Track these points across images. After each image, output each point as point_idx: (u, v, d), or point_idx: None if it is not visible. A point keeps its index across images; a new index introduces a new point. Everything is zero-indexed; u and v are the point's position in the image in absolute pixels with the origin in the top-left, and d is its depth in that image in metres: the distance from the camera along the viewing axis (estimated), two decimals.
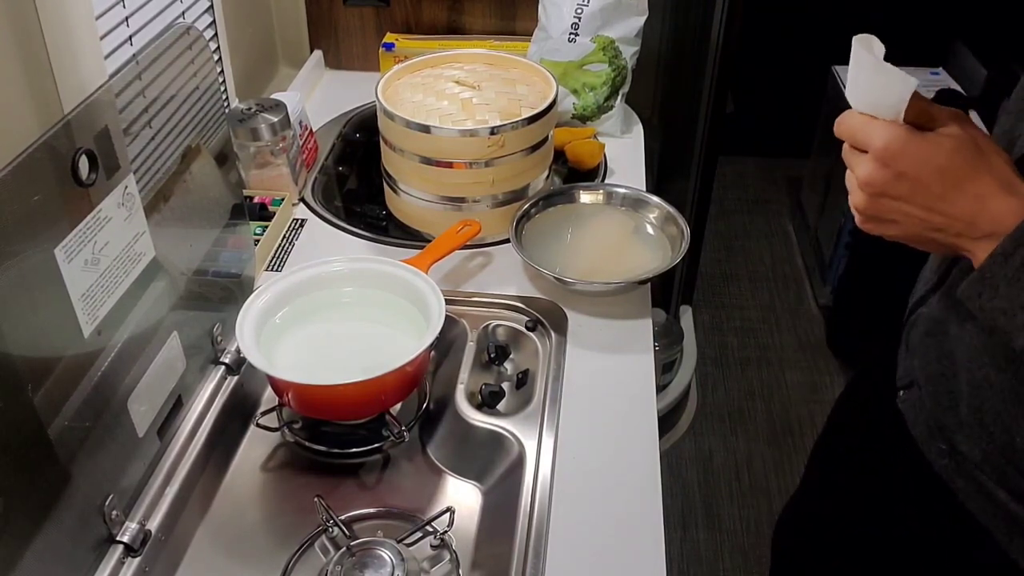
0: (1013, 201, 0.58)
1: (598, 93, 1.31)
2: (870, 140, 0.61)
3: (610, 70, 1.31)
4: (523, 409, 0.88)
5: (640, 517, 0.77)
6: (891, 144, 0.59)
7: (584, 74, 1.31)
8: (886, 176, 0.60)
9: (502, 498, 0.81)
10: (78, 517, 0.69)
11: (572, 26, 1.31)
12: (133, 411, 0.75)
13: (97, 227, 0.68)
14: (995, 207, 0.58)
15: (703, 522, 1.86)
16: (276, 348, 0.88)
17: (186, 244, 0.85)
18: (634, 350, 0.95)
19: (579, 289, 1.01)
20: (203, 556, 0.79)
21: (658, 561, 0.73)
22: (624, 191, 1.13)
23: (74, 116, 0.66)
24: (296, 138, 1.18)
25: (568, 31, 1.31)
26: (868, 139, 0.61)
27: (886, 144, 0.60)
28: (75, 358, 0.67)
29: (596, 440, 0.84)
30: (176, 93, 0.81)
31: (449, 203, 1.09)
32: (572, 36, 1.31)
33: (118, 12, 0.96)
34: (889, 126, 0.60)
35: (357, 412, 0.88)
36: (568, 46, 1.31)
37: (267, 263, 1.08)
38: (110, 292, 0.70)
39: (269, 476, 0.86)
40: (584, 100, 1.32)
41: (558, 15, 1.31)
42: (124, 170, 0.71)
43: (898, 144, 0.59)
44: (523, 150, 1.07)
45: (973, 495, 0.73)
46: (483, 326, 0.99)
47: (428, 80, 1.16)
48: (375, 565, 0.73)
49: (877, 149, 0.60)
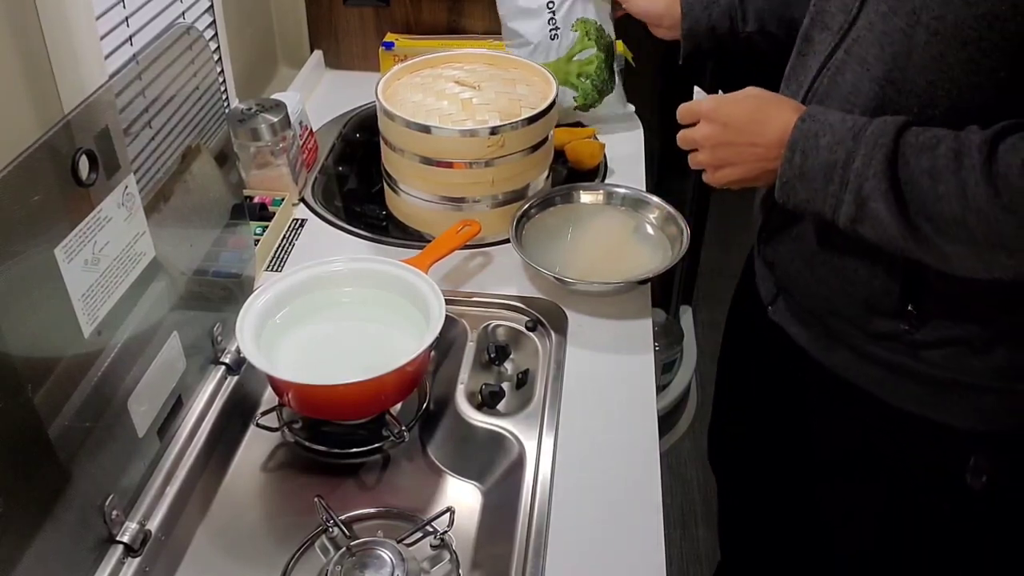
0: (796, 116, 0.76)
1: (594, 78, 1.31)
2: (699, 109, 0.84)
3: (599, 51, 1.30)
4: (523, 409, 0.88)
5: (640, 517, 0.77)
6: (712, 105, 0.83)
7: (575, 65, 1.31)
8: (715, 128, 0.82)
9: (502, 498, 0.82)
10: (78, 517, 0.69)
11: (549, 22, 1.29)
12: (133, 411, 0.75)
13: (97, 227, 0.68)
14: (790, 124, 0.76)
15: (703, 521, 1.86)
16: (276, 348, 0.88)
17: (186, 244, 0.85)
18: (634, 350, 0.95)
19: (579, 289, 1.01)
20: (203, 556, 0.79)
21: (658, 560, 0.73)
22: (624, 191, 1.13)
23: (74, 116, 0.66)
24: (296, 138, 1.18)
25: (547, 29, 1.30)
26: (698, 108, 0.84)
27: (708, 107, 0.83)
28: (75, 358, 0.67)
29: (596, 440, 0.84)
30: (176, 93, 0.81)
31: (449, 203, 1.09)
32: (553, 32, 1.30)
33: (118, 12, 0.96)
34: (710, 98, 0.85)
35: (357, 412, 0.88)
36: (552, 43, 1.30)
37: (267, 263, 1.08)
38: (110, 292, 0.70)
39: (269, 476, 0.86)
40: (583, 89, 1.31)
41: (530, 19, 1.29)
42: (124, 170, 0.71)
43: (716, 103, 0.83)
44: (523, 150, 1.07)
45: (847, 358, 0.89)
46: (483, 326, 0.99)
47: (428, 80, 1.16)
48: (375, 565, 0.73)
49: (704, 111, 0.83)
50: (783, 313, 0.96)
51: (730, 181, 0.84)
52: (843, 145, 0.72)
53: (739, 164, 0.82)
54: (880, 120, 0.71)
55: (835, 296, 0.86)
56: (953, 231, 0.68)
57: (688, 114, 0.85)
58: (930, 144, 0.68)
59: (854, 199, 0.71)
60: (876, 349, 0.85)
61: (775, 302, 0.98)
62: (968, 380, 0.82)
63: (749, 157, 0.80)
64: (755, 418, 1.15)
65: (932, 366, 0.82)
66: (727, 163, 0.82)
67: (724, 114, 0.81)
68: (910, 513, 0.94)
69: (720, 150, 0.82)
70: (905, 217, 0.70)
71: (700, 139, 0.84)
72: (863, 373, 0.88)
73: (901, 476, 0.92)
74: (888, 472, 0.93)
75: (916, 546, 0.96)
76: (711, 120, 0.82)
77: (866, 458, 0.94)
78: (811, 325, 0.92)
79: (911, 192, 0.69)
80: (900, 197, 0.69)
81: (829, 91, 0.80)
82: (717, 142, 0.82)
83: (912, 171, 0.69)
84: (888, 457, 0.92)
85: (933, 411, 0.85)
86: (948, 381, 0.82)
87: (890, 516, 0.95)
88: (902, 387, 0.85)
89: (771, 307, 0.98)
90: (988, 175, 0.65)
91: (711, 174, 0.85)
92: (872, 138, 0.71)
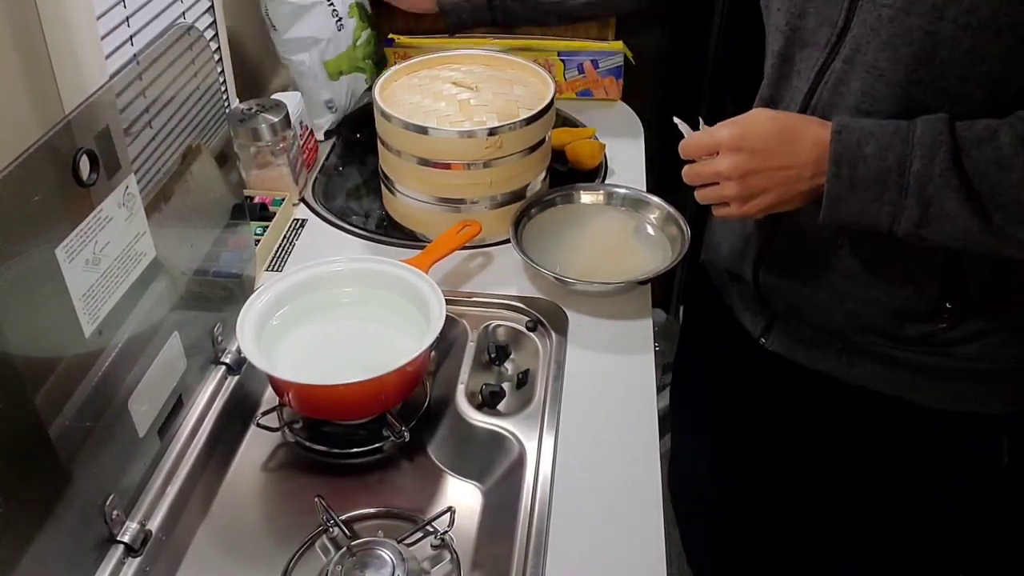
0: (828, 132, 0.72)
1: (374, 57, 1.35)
2: (716, 140, 0.76)
3: (372, 30, 1.34)
4: (523, 409, 0.88)
5: (640, 517, 0.77)
6: (732, 133, 0.76)
7: (360, 49, 1.33)
8: (742, 157, 0.75)
9: (502, 498, 0.82)
10: (79, 517, 0.69)
11: (333, 14, 1.28)
12: (134, 411, 0.75)
13: (98, 227, 0.68)
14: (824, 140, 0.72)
15: None
16: (277, 348, 0.88)
17: (187, 244, 0.85)
18: (634, 350, 0.95)
19: (579, 289, 1.01)
20: (203, 556, 0.79)
21: (658, 560, 0.73)
22: (624, 191, 1.13)
23: (75, 116, 0.66)
24: (296, 138, 1.18)
25: (333, 21, 1.29)
26: (714, 140, 0.77)
27: (730, 135, 0.76)
28: (76, 358, 0.67)
29: (596, 440, 0.84)
30: (177, 93, 0.81)
31: (447, 204, 1.09)
32: (339, 24, 1.30)
33: (119, 12, 0.96)
34: (721, 126, 0.76)
35: (358, 412, 0.88)
36: (341, 35, 1.30)
37: (267, 263, 1.08)
38: (111, 292, 0.70)
39: (269, 476, 0.86)
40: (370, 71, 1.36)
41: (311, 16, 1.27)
42: (125, 170, 0.71)
43: (736, 130, 0.76)
44: (521, 151, 1.07)
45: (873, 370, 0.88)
46: (483, 326, 0.99)
47: (425, 81, 1.16)
48: (375, 565, 0.73)
49: (725, 142, 0.76)
50: (782, 341, 0.95)
51: (761, 210, 0.78)
52: (892, 150, 0.70)
53: (772, 190, 0.76)
54: (924, 120, 0.70)
55: (860, 308, 0.85)
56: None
57: (702, 147, 0.78)
58: (987, 135, 0.68)
59: (917, 202, 0.70)
60: (906, 354, 0.85)
61: (768, 332, 0.96)
62: (1001, 366, 0.83)
63: (781, 180, 0.75)
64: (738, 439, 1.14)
65: (968, 360, 0.83)
66: (759, 191, 0.76)
67: (751, 140, 0.75)
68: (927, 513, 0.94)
69: (751, 179, 0.76)
70: (980, 210, 0.69)
71: (726, 171, 0.76)
72: (890, 380, 0.87)
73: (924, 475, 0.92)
74: (906, 474, 0.93)
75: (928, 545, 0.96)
76: (737, 149, 0.76)
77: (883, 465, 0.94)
78: (823, 344, 0.91)
79: (981, 184, 0.68)
80: (971, 191, 0.68)
81: (831, 103, 0.78)
82: (746, 171, 0.76)
83: (977, 163, 0.68)
84: (897, 456, 0.92)
85: (966, 404, 0.85)
86: (983, 372, 0.83)
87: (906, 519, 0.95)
88: (934, 386, 0.85)
89: (764, 339, 0.97)
90: None
91: (739, 206, 0.78)
92: (926, 139, 0.69)
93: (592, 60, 1.38)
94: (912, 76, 0.72)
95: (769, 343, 0.97)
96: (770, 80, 0.87)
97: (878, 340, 0.86)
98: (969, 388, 0.85)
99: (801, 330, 0.93)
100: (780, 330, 0.95)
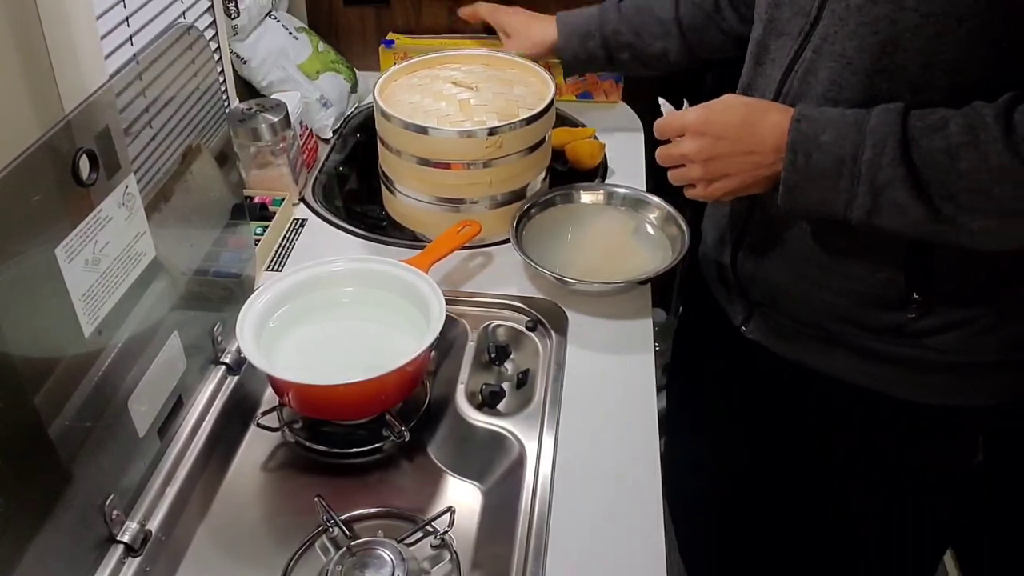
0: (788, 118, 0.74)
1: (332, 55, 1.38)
2: (684, 122, 0.80)
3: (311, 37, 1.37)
4: (523, 409, 0.88)
5: (640, 517, 0.77)
6: (701, 116, 0.79)
7: (324, 55, 1.36)
8: (706, 141, 0.79)
9: (502, 498, 0.82)
10: (79, 517, 0.69)
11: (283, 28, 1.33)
12: (134, 411, 0.75)
13: (98, 227, 0.68)
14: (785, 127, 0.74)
15: None
16: (276, 348, 0.88)
17: (186, 244, 0.85)
18: (634, 350, 0.95)
19: (579, 289, 1.01)
20: (203, 556, 0.79)
21: (658, 561, 0.73)
22: (624, 191, 1.13)
23: (75, 116, 0.66)
24: (296, 138, 1.18)
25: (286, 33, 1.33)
26: (682, 122, 0.80)
27: (696, 119, 0.79)
28: (76, 358, 0.67)
29: (596, 440, 0.84)
30: (176, 93, 0.81)
31: (447, 204, 1.09)
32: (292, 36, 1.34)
33: (119, 12, 0.96)
34: (689, 110, 0.81)
35: (357, 412, 0.88)
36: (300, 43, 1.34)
37: (267, 263, 1.08)
38: (111, 292, 0.70)
39: (269, 476, 0.86)
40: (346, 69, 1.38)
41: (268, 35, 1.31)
42: (125, 170, 0.71)
43: (705, 115, 0.79)
44: (521, 151, 1.07)
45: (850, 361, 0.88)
46: (483, 326, 0.99)
47: (425, 81, 1.16)
48: (375, 565, 0.73)
49: (691, 125, 0.80)
50: (761, 330, 0.96)
51: (725, 193, 0.81)
52: (848, 139, 0.71)
53: (735, 175, 0.79)
54: (880, 109, 0.71)
55: (833, 298, 0.85)
56: (980, 206, 0.68)
57: (670, 128, 0.82)
58: (939, 124, 0.69)
59: (868, 191, 0.71)
60: (878, 345, 0.85)
61: (748, 321, 0.97)
62: (977, 359, 0.82)
63: (745, 166, 0.78)
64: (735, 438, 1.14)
65: (940, 352, 0.82)
66: (722, 175, 0.80)
67: (716, 124, 0.79)
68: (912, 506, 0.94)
69: (714, 163, 0.79)
70: (927, 200, 0.69)
71: (691, 153, 0.80)
72: (865, 372, 0.88)
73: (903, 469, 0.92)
74: (888, 468, 0.93)
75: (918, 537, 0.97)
76: (702, 133, 0.79)
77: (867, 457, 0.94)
78: (800, 334, 0.91)
79: (930, 173, 0.69)
80: (919, 181, 0.69)
81: (801, 92, 0.79)
82: (710, 155, 0.79)
83: (927, 153, 0.69)
84: (888, 452, 0.92)
85: (941, 397, 0.85)
86: (956, 364, 0.83)
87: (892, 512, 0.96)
88: (907, 379, 0.86)
89: (745, 327, 0.97)
90: (1010, 144, 0.65)
91: (703, 188, 0.82)
92: (877, 128, 0.70)
93: None
94: (877, 65, 0.73)
95: (749, 331, 0.97)
96: (748, 67, 0.88)
97: (854, 330, 0.86)
98: (943, 381, 0.85)
99: (780, 321, 0.93)
100: (760, 319, 0.95)
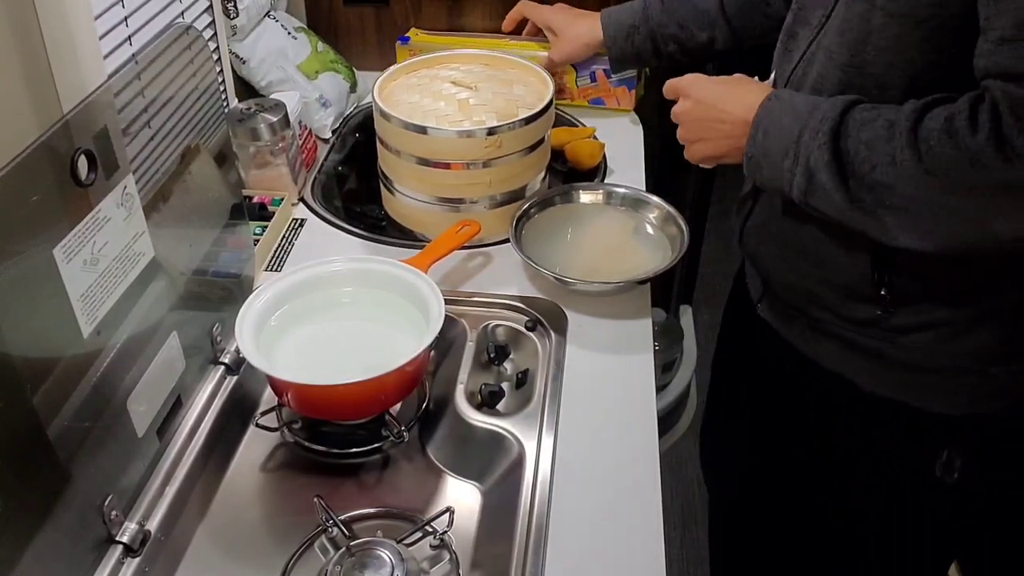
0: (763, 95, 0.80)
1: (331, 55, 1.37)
2: (679, 85, 0.89)
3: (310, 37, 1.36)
4: (523, 409, 0.88)
5: (640, 517, 0.77)
6: (689, 81, 0.88)
7: (323, 55, 1.36)
8: (689, 104, 0.87)
9: (502, 498, 0.81)
10: (78, 517, 0.68)
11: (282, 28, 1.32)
12: (133, 411, 0.75)
13: (96, 227, 0.68)
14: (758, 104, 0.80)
15: (703, 521, 1.85)
16: (276, 348, 0.88)
17: (185, 244, 0.85)
18: (634, 350, 0.95)
19: (579, 289, 1.01)
20: (202, 556, 0.79)
21: (658, 561, 0.73)
22: (624, 191, 1.13)
23: (73, 116, 0.66)
24: (295, 138, 1.18)
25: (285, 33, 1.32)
26: (678, 84, 0.90)
27: (686, 82, 0.88)
28: (74, 358, 0.67)
29: (596, 440, 0.84)
30: (175, 93, 0.81)
31: (446, 204, 1.09)
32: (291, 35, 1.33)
33: (117, 12, 0.96)
34: (689, 75, 0.89)
35: (357, 412, 0.88)
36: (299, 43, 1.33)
37: (266, 263, 1.08)
38: (109, 292, 0.70)
39: (269, 476, 0.86)
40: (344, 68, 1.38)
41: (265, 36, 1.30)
42: (123, 170, 0.71)
43: (693, 80, 0.88)
44: (520, 151, 1.07)
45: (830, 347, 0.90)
46: (483, 326, 0.99)
47: (425, 81, 1.16)
48: (375, 565, 0.73)
49: (682, 87, 0.89)
50: (769, 310, 0.98)
51: (703, 156, 0.88)
52: (800, 123, 0.75)
53: (709, 140, 0.86)
54: (833, 98, 0.74)
55: (815, 285, 0.87)
56: (888, 200, 0.70)
57: (670, 90, 0.91)
58: (871, 117, 0.71)
59: (803, 171, 0.74)
60: (858, 337, 0.87)
61: (762, 299, 0.99)
62: (947, 364, 0.83)
63: (717, 134, 0.85)
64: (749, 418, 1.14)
65: (910, 351, 0.84)
66: (699, 138, 0.87)
67: (697, 90, 0.87)
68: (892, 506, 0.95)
69: (693, 125, 0.87)
70: (847, 188, 0.72)
71: (677, 113, 0.89)
72: (847, 363, 0.89)
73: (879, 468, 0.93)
74: (888, 467, 0.93)
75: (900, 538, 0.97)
76: (687, 96, 0.88)
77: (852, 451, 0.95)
78: (795, 319, 0.93)
79: (851, 163, 0.72)
80: (842, 168, 0.72)
81: (801, 82, 0.83)
82: (690, 117, 0.87)
83: (854, 142, 0.71)
84: (888, 452, 0.92)
85: (910, 396, 0.87)
86: (926, 366, 0.84)
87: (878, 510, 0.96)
88: (881, 374, 0.87)
89: (759, 304, 1.00)
90: (912, 140, 0.68)
91: (688, 147, 0.90)
92: (820, 113, 0.73)
93: (604, 69, 1.35)
94: (851, 61, 0.76)
95: (761, 309, 0.99)
96: (776, 52, 0.92)
97: (833, 319, 0.88)
98: (913, 381, 0.86)
99: (777, 301, 0.96)
100: (768, 298, 0.98)
